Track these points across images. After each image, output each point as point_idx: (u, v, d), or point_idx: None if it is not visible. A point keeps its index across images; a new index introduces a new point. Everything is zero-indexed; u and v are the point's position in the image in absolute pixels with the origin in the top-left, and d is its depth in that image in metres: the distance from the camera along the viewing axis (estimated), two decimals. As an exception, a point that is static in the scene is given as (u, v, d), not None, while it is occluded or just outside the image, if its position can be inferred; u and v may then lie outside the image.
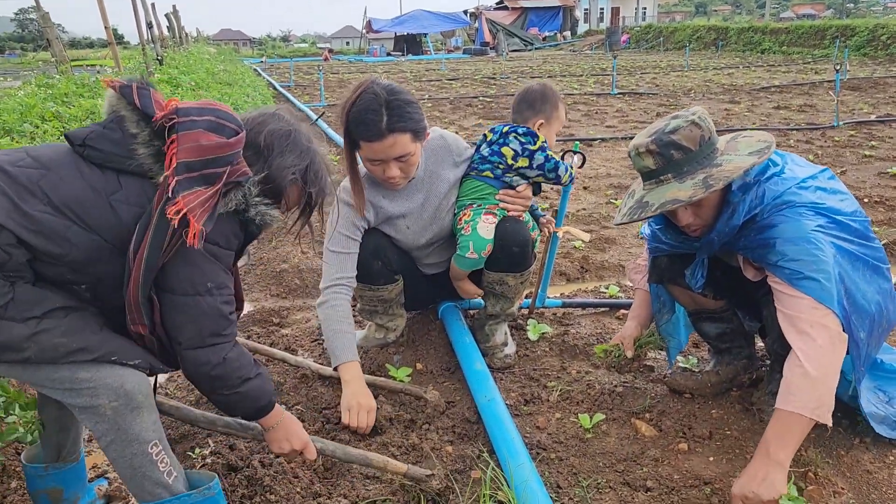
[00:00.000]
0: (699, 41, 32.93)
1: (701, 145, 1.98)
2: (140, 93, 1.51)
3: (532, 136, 2.63)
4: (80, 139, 1.51)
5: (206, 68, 13.09)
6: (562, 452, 2.22)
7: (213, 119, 1.53)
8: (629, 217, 2.06)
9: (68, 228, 1.44)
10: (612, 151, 7.67)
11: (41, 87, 6.07)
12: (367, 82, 2.38)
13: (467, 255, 2.63)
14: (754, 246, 2.03)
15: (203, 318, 1.57)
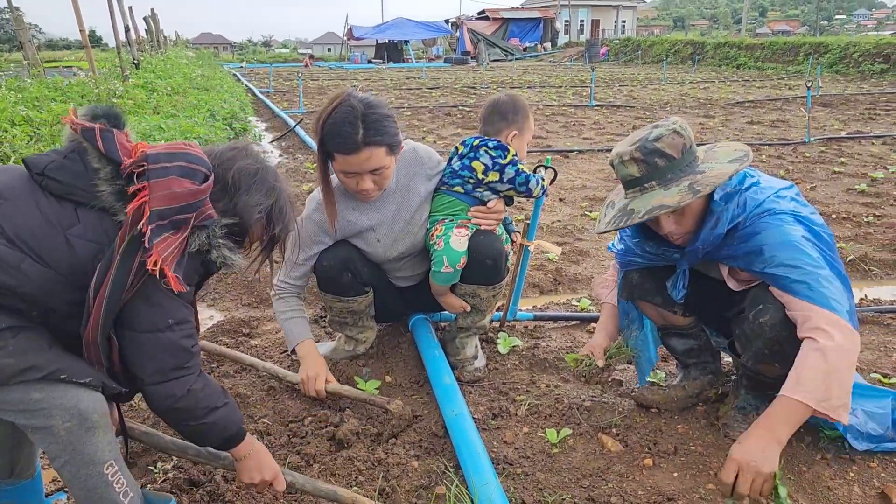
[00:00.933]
0: (676, 55, 33.33)
1: (683, 153, 2.02)
2: (103, 137, 1.48)
3: (503, 150, 2.64)
4: (39, 168, 1.48)
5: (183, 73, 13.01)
6: (528, 468, 2.22)
7: (184, 165, 1.52)
8: (614, 224, 2.07)
9: (22, 260, 1.42)
10: (589, 163, 7.72)
11: (11, 90, 5.99)
12: (344, 94, 2.37)
13: (442, 269, 2.64)
14: (740, 254, 2.07)
15: (165, 354, 1.56)
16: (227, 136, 7.65)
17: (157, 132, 5.66)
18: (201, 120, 7.32)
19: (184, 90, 10.48)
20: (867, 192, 6.07)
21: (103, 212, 1.49)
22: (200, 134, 6.42)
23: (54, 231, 1.45)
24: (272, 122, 12.36)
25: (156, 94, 8.52)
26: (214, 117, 8.12)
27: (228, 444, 1.77)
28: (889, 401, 2.29)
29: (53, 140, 4.85)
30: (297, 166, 7.71)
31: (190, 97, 9.61)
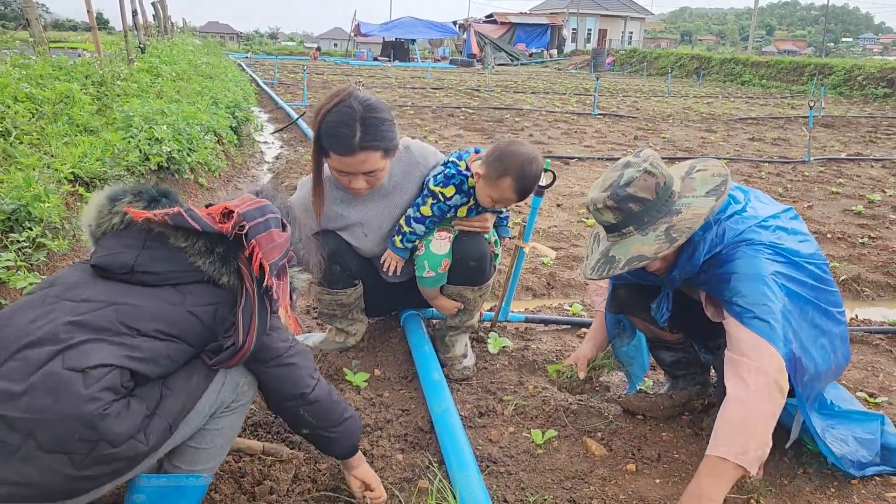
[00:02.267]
0: (682, 69, 33.41)
1: (657, 193, 1.98)
2: (192, 217, 1.55)
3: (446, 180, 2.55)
4: (126, 267, 1.52)
5: (188, 59, 13.00)
6: (511, 467, 2.23)
7: (271, 216, 1.64)
8: (598, 273, 2.07)
9: (167, 347, 1.50)
10: (588, 171, 7.74)
11: (16, 66, 5.97)
12: (345, 93, 2.35)
13: (424, 274, 2.65)
14: (712, 281, 2.05)
15: (299, 370, 1.76)
16: (230, 124, 7.65)
17: (160, 116, 5.65)
18: (204, 107, 7.32)
19: (188, 77, 10.47)
20: (863, 213, 6.10)
21: (198, 282, 1.57)
22: (203, 120, 6.42)
23: (177, 310, 1.53)
24: (275, 113, 12.37)
25: (160, 79, 8.51)
26: (217, 105, 8.11)
27: (353, 451, 1.93)
28: (877, 424, 2.29)
29: (55, 118, 4.84)
30: (297, 158, 7.72)
31: (194, 84, 9.60)
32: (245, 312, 1.58)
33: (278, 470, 2.06)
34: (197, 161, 5.76)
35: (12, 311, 1.46)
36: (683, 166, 2.17)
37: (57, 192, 3.22)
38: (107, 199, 1.60)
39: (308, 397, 1.77)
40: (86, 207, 1.63)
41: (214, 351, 1.59)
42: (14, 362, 1.34)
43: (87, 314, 1.42)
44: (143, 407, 1.46)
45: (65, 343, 1.36)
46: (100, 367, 1.37)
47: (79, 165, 3.86)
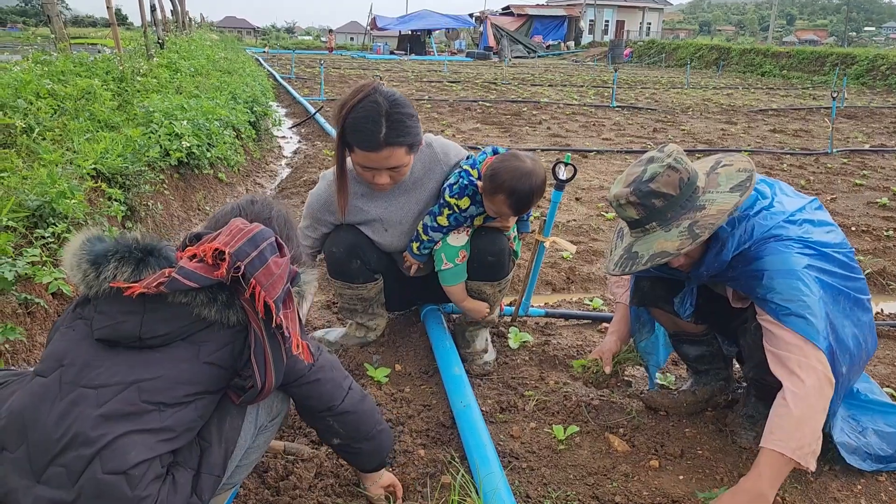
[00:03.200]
0: (701, 60, 33.07)
1: (681, 188, 1.95)
2: (185, 275, 1.46)
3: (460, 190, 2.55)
4: (133, 337, 1.47)
5: (206, 55, 13.05)
6: (533, 462, 2.22)
7: (264, 245, 1.54)
8: (620, 269, 2.04)
9: (195, 409, 1.50)
10: (607, 164, 7.69)
11: (38, 63, 6.03)
12: (370, 88, 2.34)
13: (443, 267, 2.65)
14: (742, 277, 2.03)
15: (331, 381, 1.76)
16: (248, 119, 7.68)
17: (180, 111, 5.68)
18: (223, 102, 7.34)
19: (207, 72, 10.51)
20: (888, 206, 6.01)
21: (207, 328, 1.53)
22: (222, 115, 6.45)
23: (193, 365, 1.50)
24: (293, 108, 12.40)
25: (179, 75, 8.55)
26: (236, 100, 8.14)
27: (381, 466, 1.94)
28: None
29: (77, 113, 4.88)
30: (315, 153, 7.74)
31: (212, 79, 9.63)
32: (258, 355, 1.53)
33: (301, 467, 2.07)
34: (216, 156, 5.79)
35: (32, 402, 1.42)
36: (709, 161, 2.14)
37: (80, 189, 3.25)
38: (90, 265, 1.48)
39: (336, 409, 1.76)
40: (64, 255, 1.52)
41: (239, 388, 1.57)
42: (55, 468, 1.35)
43: (111, 402, 1.40)
44: (189, 472, 1.49)
45: (98, 444, 1.36)
46: (139, 465, 1.38)
47: (100, 161, 3.89)
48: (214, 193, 5.75)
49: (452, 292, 2.73)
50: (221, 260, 1.49)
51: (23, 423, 1.40)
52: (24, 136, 4.06)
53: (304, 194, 5.70)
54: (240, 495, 1.95)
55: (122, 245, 1.51)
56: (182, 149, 5.06)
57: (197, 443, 1.54)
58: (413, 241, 2.66)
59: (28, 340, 2.59)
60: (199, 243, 1.55)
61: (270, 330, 1.55)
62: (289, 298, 1.59)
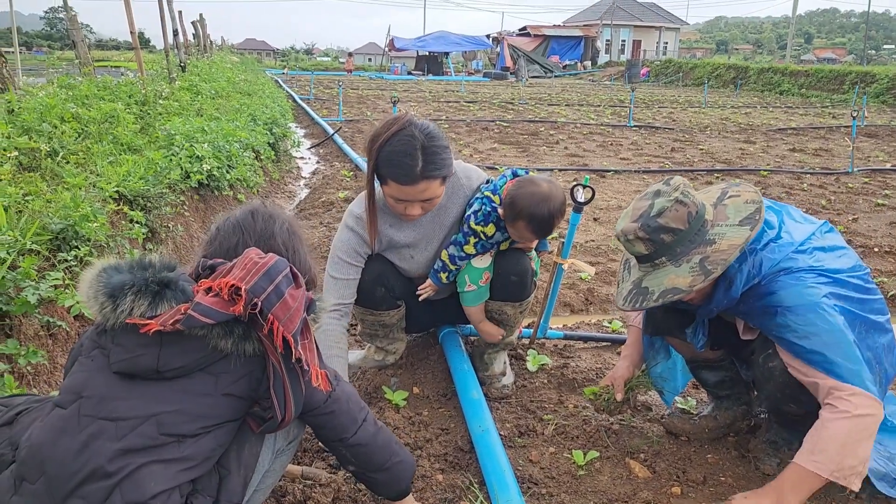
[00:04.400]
0: (718, 79, 33.02)
1: (690, 223, 1.93)
2: (200, 311, 1.46)
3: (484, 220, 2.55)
4: (150, 370, 1.47)
5: (227, 77, 13.24)
6: (553, 488, 2.20)
7: (279, 279, 1.53)
8: (631, 305, 2.02)
9: (214, 439, 1.51)
10: (625, 184, 7.67)
11: (62, 87, 6.14)
12: (404, 121, 2.32)
13: (466, 289, 2.65)
14: (755, 313, 2.00)
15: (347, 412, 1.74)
16: (267, 141, 7.76)
17: (200, 134, 5.75)
18: (243, 124, 7.43)
19: (227, 94, 10.66)
20: (911, 226, 5.93)
21: (224, 359, 1.52)
22: (242, 137, 6.52)
23: (211, 398, 1.50)
24: (311, 128, 12.52)
25: (200, 97, 8.68)
26: (255, 122, 8.23)
27: (401, 495, 1.90)
28: None
29: (101, 137, 4.96)
30: (333, 174, 7.79)
31: (233, 101, 9.77)
32: (277, 388, 1.54)
33: (318, 492, 2.07)
34: (236, 178, 5.85)
35: (52, 435, 1.43)
36: (714, 191, 2.11)
37: (103, 212, 3.29)
38: (107, 298, 1.48)
39: (348, 441, 1.75)
40: (81, 285, 1.53)
41: (259, 417, 1.57)
42: (75, 500, 1.36)
43: (129, 436, 1.41)
44: (208, 500, 1.49)
45: (118, 476, 1.37)
46: (159, 496, 1.39)
47: (123, 184, 3.94)
48: (234, 214, 5.80)
49: (471, 313, 2.73)
50: (237, 296, 1.48)
51: (42, 457, 1.40)
52: (49, 159, 4.13)
53: (322, 215, 5.74)
54: (258, 520, 1.94)
55: (138, 279, 1.51)
56: (202, 171, 5.12)
57: (216, 470, 1.54)
58: (440, 271, 2.63)
59: (49, 363, 2.61)
60: (213, 275, 1.55)
61: (289, 363, 1.54)
62: (306, 328, 1.59)
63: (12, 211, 2.98)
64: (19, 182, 3.57)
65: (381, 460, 1.81)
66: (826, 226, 2.13)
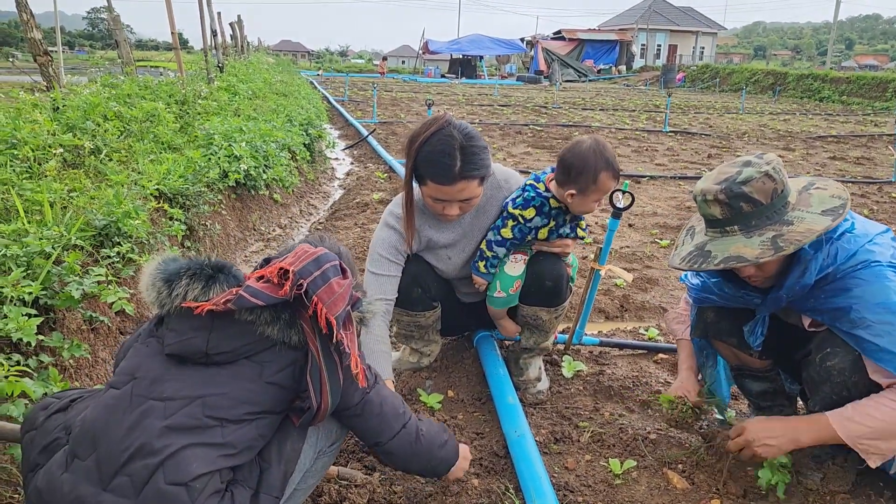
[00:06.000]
0: (756, 85, 32.53)
1: (773, 199, 1.88)
2: (252, 293, 1.52)
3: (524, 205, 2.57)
4: (200, 352, 1.52)
5: (263, 78, 13.39)
6: (589, 496, 2.17)
7: (327, 266, 1.60)
8: (688, 264, 1.98)
9: (256, 428, 1.54)
10: (661, 190, 7.58)
11: (105, 86, 6.26)
12: (443, 121, 2.34)
13: (495, 294, 2.65)
14: (826, 309, 1.95)
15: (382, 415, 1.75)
16: (303, 142, 7.83)
17: (238, 133, 5.82)
18: (279, 124, 7.51)
19: (264, 94, 10.78)
20: (958, 238, 5.76)
21: (270, 348, 1.57)
22: (278, 137, 6.58)
23: (256, 385, 1.54)
24: (345, 130, 12.60)
25: (237, 97, 8.78)
26: (291, 122, 8.31)
27: (452, 466, 1.93)
28: None
29: (142, 135, 5.05)
30: (368, 175, 7.82)
31: (269, 101, 9.88)
32: (313, 375, 1.57)
33: (354, 493, 2.07)
34: (272, 177, 5.90)
35: (105, 412, 1.48)
36: (800, 180, 2.06)
37: (144, 209, 3.35)
38: (163, 283, 1.56)
39: (382, 446, 1.77)
40: (142, 276, 1.61)
41: (300, 410, 1.60)
42: (122, 478, 1.39)
43: (176, 415, 1.45)
44: (247, 491, 1.51)
45: (162, 455, 1.40)
46: (200, 478, 1.41)
47: (163, 182, 4.00)
48: (269, 214, 5.86)
49: (494, 312, 2.76)
50: (286, 279, 1.54)
51: (94, 433, 1.45)
52: (92, 156, 4.21)
53: (356, 216, 5.76)
54: (294, 519, 1.95)
55: (194, 263, 1.59)
56: (240, 170, 5.17)
57: (257, 462, 1.56)
58: (478, 260, 2.65)
59: (91, 356, 2.65)
60: (267, 266, 1.62)
61: (328, 350, 1.58)
62: (349, 321, 1.62)
63: (58, 207, 3.04)
64: (64, 178, 3.65)
65: (417, 467, 1.85)
66: (891, 232, 2.08)
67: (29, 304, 2.29)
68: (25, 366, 2.13)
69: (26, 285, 2.29)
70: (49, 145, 3.92)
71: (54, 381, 2.10)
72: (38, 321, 2.15)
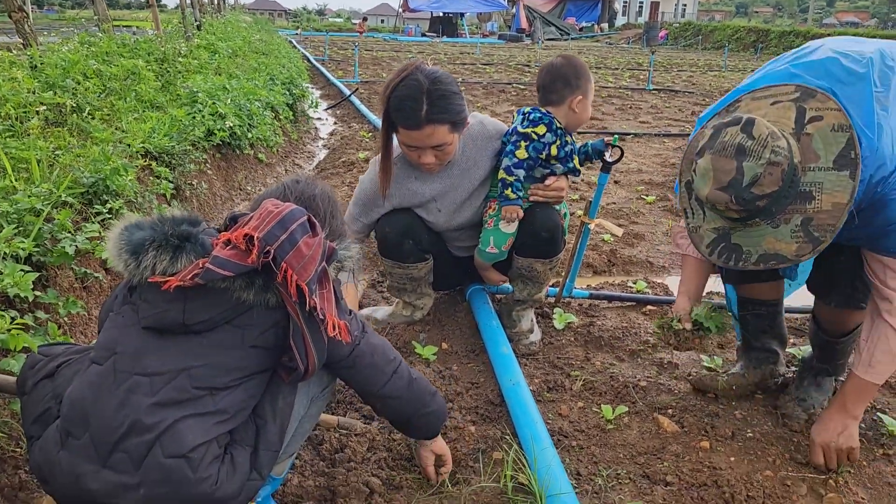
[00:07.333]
0: (738, 42, 32.42)
1: (783, 180, 1.72)
2: (218, 264, 1.46)
3: (533, 124, 2.62)
4: (177, 324, 1.49)
5: (242, 36, 13.13)
6: (583, 441, 2.23)
7: (294, 226, 1.52)
8: (723, 261, 1.89)
9: (245, 391, 1.53)
10: (645, 147, 7.61)
11: (83, 44, 6.12)
12: (412, 67, 2.38)
13: (487, 249, 2.68)
14: (862, 237, 1.93)
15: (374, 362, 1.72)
16: (286, 101, 7.73)
17: (222, 92, 5.74)
18: (262, 83, 7.40)
19: (244, 53, 10.59)
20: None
21: (249, 311, 1.53)
22: (262, 96, 6.50)
23: (240, 350, 1.51)
24: (327, 90, 12.44)
25: (217, 56, 8.62)
26: (274, 81, 8.19)
27: (431, 436, 1.94)
28: None
29: (124, 94, 4.96)
30: (352, 134, 7.77)
31: (250, 60, 9.71)
32: (296, 339, 1.53)
33: (354, 441, 2.11)
34: (256, 137, 5.84)
35: (91, 390, 1.46)
36: (789, 111, 1.81)
37: (132, 167, 3.31)
38: (130, 255, 1.50)
39: (377, 393, 1.75)
40: (107, 244, 1.55)
41: (288, 368, 1.58)
42: (119, 454, 1.40)
43: (164, 390, 1.44)
44: (246, 450, 1.52)
45: (157, 430, 1.40)
46: (198, 448, 1.42)
47: (148, 140, 3.95)
48: (255, 174, 5.82)
49: (481, 264, 2.80)
50: (252, 245, 1.48)
51: (84, 412, 1.44)
52: (75, 115, 4.14)
53: (343, 175, 5.74)
54: (296, 466, 2.00)
55: (159, 234, 1.52)
56: (225, 129, 5.12)
57: (252, 420, 1.57)
58: (502, 190, 2.60)
59: (87, 313, 2.66)
60: (233, 228, 1.55)
61: (306, 312, 1.53)
62: (324, 278, 1.58)
63: (44, 164, 3.01)
64: (48, 137, 3.60)
65: (410, 411, 1.83)
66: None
67: (22, 261, 2.28)
68: (22, 322, 2.13)
69: (19, 242, 2.27)
70: (30, 103, 3.85)
71: (54, 336, 2.11)
72: (33, 276, 2.14)
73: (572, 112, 2.63)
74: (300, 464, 2.02)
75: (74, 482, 1.41)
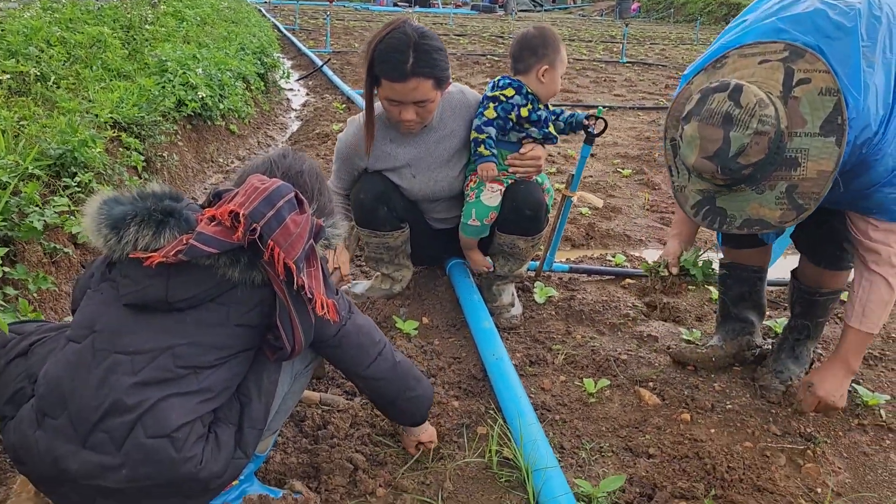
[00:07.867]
0: (710, 15, 32.42)
1: (769, 148, 1.72)
2: (203, 240, 1.41)
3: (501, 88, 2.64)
4: (160, 301, 1.44)
5: (210, 3, 12.78)
6: (566, 414, 2.24)
7: (281, 203, 1.47)
8: (707, 223, 1.90)
9: (230, 369, 1.49)
10: (620, 121, 7.61)
11: (46, 10, 5.90)
12: (399, 21, 2.37)
13: (469, 222, 2.66)
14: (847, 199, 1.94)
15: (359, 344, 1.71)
16: (257, 71, 7.57)
17: (192, 61, 5.59)
18: (233, 52, 7.22)
19: (213, 21, 10.32)
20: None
21: (234, 289, 1.48)
22: (233, 66, 6.35)
23: (224, 328, 1.48)
24: (298, 59, 12.21)
25: (185, 24, 8.38)
26: (244, 51, 8.00)
27: (425, 416, 1.92)
28: None
29: (89, 62, 4.80)
30: (325, 106, 7.64)
31: (219, 29, 9.46)
32: (283, 319, 1.50)
33: (337, 417, 2.09)
34: (228, 108, 5.71)
35: (69, 370, 1.42)
36: (777, 72, 1.77)
37: (101, 138, 3.21)
38: (110, 230, 1.45)
39: (361, 374, 1.73)
40: (84, 218, 1.49)
41: (273, 346, 1.54)
42: (99, 434, 1.36)
43: (146, 369, 1.40)
44: (231, 428, 1.50)
45: (139, 410, 1.37)
46: (182, 428, 1.39)
47: (117, 111, 3.84)
48: (226, 145, 5.70)
49: (466, 242, 2.77)
50: (238, 222, 1.44)
51: (61, 391, 1.40)
52: (39, 84, 4.00)
53: (317, 147, 5.65)
54: (279, 443, 1.97)
55: (140, 209, 1.46)
56: (197, 99, 4.99)
57: (237, 398, 1.54)
58: (475, 147, 2.59)
59: (57, 289, 2.58)
60: (218, 203, 1.50)
61: (293, 291, 1.50)
62: (312, 256, 1.55)
63: (9, 135, 2.90)
64: (12, 106, 3.47)
65: (394, 393, 1.80)
66: None
67: (-11, 235, 2.21)
68: (-9, 299, 2.06)
69: (-14, 216, 2.19)
70: (-9, 71, 3.71)
71: (24, 312, 2.05)
72: (2, 252, 2.07)
73: (539, 82, 2.61)
74: (283, 441, 1.99)
75: (52, 463, 1.37)
